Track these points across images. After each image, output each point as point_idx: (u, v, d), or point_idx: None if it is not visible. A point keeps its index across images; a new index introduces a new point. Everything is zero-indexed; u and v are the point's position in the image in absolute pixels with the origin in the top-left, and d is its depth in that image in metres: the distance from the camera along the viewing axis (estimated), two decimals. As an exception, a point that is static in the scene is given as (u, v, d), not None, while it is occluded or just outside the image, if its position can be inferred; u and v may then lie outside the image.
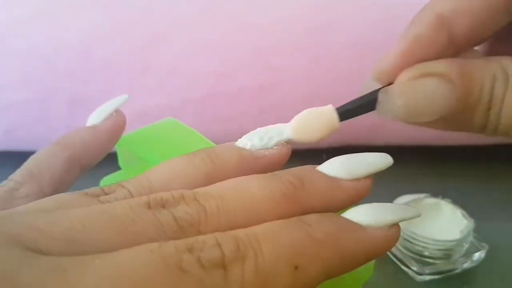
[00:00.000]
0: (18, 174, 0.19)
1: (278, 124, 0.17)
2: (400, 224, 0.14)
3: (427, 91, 0.16)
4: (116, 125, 0.21)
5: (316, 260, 0.13)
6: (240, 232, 0.12)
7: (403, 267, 0.28)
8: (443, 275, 0.28)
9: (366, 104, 0.17)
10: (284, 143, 0.16)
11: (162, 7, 0.33)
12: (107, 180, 0.23)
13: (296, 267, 0.12)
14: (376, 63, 0.17)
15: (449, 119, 0.16)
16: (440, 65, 0.16)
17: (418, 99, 0.16)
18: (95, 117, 0.21)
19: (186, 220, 0.13)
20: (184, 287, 0.11)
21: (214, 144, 0.20)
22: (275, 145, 0.16)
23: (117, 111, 0.21)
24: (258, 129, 0.17)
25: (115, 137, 0.21)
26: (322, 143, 0.17)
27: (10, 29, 0.33)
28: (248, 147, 0.16)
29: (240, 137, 0.17)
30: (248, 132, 0.17)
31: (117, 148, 0.23)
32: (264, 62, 0.33)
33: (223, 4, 0.33)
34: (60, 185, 0.19)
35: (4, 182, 0.18)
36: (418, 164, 0.37)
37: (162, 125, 0.23)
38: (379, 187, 0.15)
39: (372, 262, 0.19)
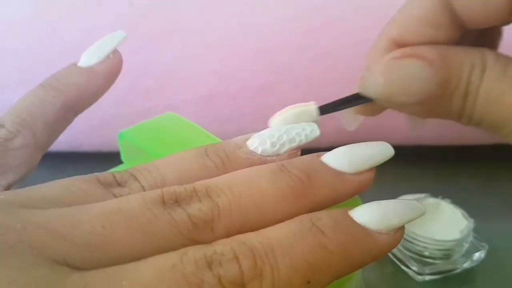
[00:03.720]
0: (9, 121, 0.18)
1: (292, 127, 0.17)
2: None
3: (408, 71, 0.16)
4: (113, 69, 0.20)
5: (327, 272, 0.13)
6: (255, 241, 0.13)
7: (403, 267, 0.28)
8: (443, 275, 0.28)
9: (345, 100, 0.17)
10: (295, 151, 0.16)
11: (162, 7, 0.33)
12: None
13: (308, 282, 0.13)
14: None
15: (428, 104, 0.16)
16: (423, 49, 0.16)
17: (399, 78, 0.16)
18: (90, 56, 0.20)
19: (199, 218, 0.13)
20: None
21: (213, 137, 0.20)
22: (285, 152, 0.16)
23: (115, 52, 0.20)
24: (272, 130, 0.17)
25: (111, 81, 0.20)
26: (323, 143, 0.17)
27: (10, 29, 0.33)
28: (259, 151, 0.16)
29: None
30: (248, 132, 0.17)
31: (119, 142, 0.23)
32: (264, 62, 0.33)
33: (223, 4, 0.33)
34: (54, 132, 0.19)
35: None
36: (418, 164, 0.37)
37: (163, 119, 0.24)
38: (379, 187, 0.15)
39: None
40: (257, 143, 0.16)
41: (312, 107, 0.17)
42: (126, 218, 0.13)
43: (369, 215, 0.14)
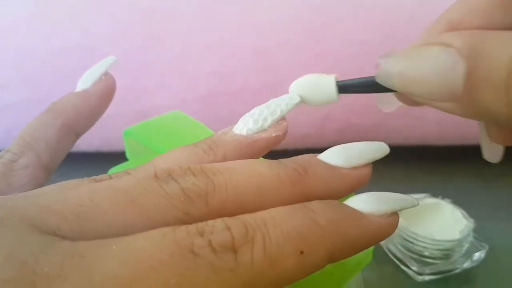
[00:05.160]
0: (14, 145, 0.19)
1: (271, 101, 0.17)
2: (400, 224, 0.15)
3: (426, 59, 0.14)
4: (106, 88, 0.21)
5: (320, 245, 0.13)
6: (247, 217, 0.13)
7: (403, 267, 0.28)
8: (443, 275, 0.28)
9: (367, 82, 0.16)
10: (280, 122, 0.17)
11: (162, 7, 0.33)
12: (114, 170, 0.24)
13: (301, 252, 0.12)
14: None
15: (461, 101, 0.13)
16: (447, 35, 0.14)
17: (417, 67, 0.14)
18: (84, 82, 0.21)
19: (193, 191, 0.13)
20: (197, 270, 0.11)
21: None
22: (270, 125, 0.17)
23: (106, 74, 0.21)
24: (253, 109, 0.17)
25: (107, 100, 0.21)
26: (321, 143, 0.17)
27: (10, 29, 0.33)
28: (245, 132, 0.16)
29: None
30: None
31: (125, 139, 0.23)
32: (264, 62, 0.33)
33: (223, 4, 0.33)
34: (57, 153, 0.19)
35: (1, 153, 0.18)
36: (418, 164, 0.37)
37: (169, 117, 0.24)
38: (379, 187, 0.15)
39: (371, 248, 0.20)
40: (241, 125, 0.17)
41: (331, 80, 0.17)
42: (115, 192, 0.13)
43: (360, 200, 0.14)
